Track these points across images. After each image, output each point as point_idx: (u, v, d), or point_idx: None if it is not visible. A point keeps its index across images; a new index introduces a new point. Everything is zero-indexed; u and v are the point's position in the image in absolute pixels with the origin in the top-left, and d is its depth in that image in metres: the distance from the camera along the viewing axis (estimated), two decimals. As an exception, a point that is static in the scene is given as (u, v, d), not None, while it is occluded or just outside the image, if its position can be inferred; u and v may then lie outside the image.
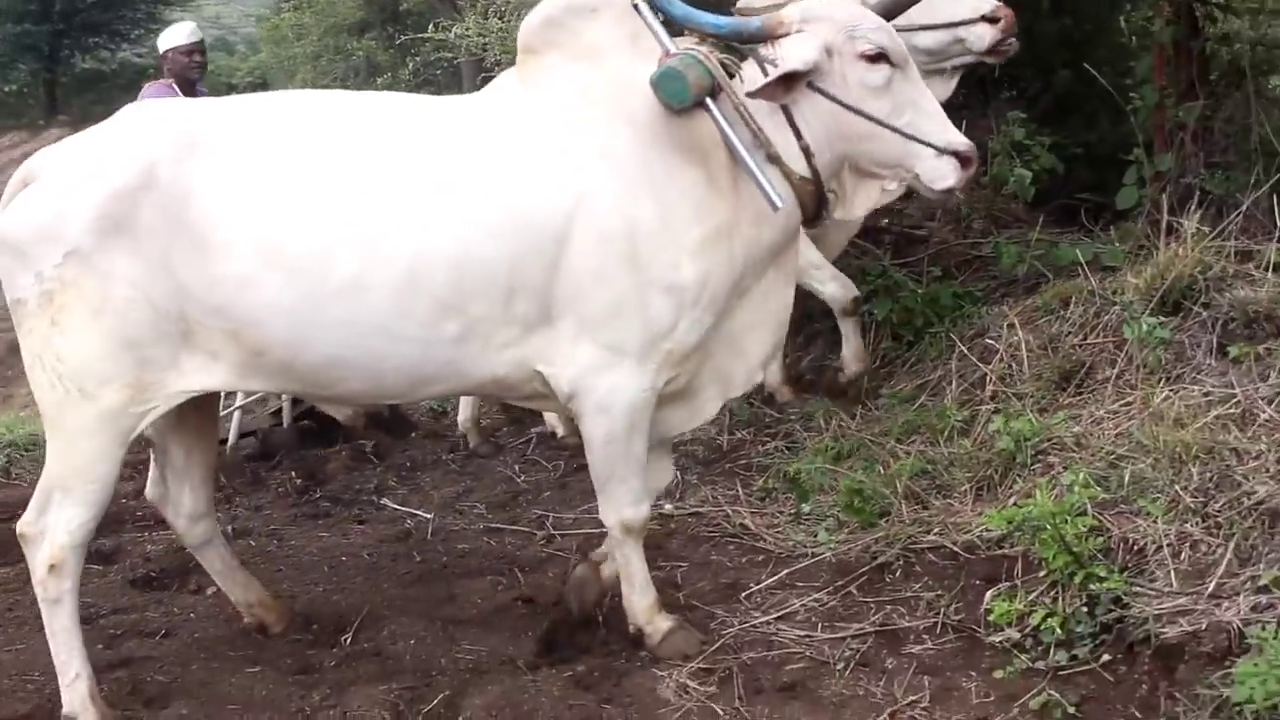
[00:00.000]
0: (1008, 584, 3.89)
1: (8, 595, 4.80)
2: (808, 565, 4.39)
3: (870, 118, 3.62)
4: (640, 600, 3.98)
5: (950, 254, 6.27)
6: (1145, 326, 4.50)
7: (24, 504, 5.35)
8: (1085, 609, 3.61)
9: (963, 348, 5.22)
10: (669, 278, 3.60)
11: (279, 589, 4.66)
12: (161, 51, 6.64)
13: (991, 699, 3.49)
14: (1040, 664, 3.55)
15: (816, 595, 4.18)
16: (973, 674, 3.63)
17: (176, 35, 6.60)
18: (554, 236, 3.54)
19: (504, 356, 3.66)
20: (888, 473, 4.66)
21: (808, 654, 3.85)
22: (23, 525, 3.78)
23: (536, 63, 3.76)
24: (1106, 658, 3.49)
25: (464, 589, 4.56)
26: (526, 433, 6.48)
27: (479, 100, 3.90)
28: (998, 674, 3.57)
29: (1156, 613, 3.48)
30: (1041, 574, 3.80)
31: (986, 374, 5.03)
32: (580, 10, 3.73)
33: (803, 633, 3.97)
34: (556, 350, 3.67)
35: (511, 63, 3.91)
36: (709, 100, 3.55)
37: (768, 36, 3.63)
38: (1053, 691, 3.40)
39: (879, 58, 3.61)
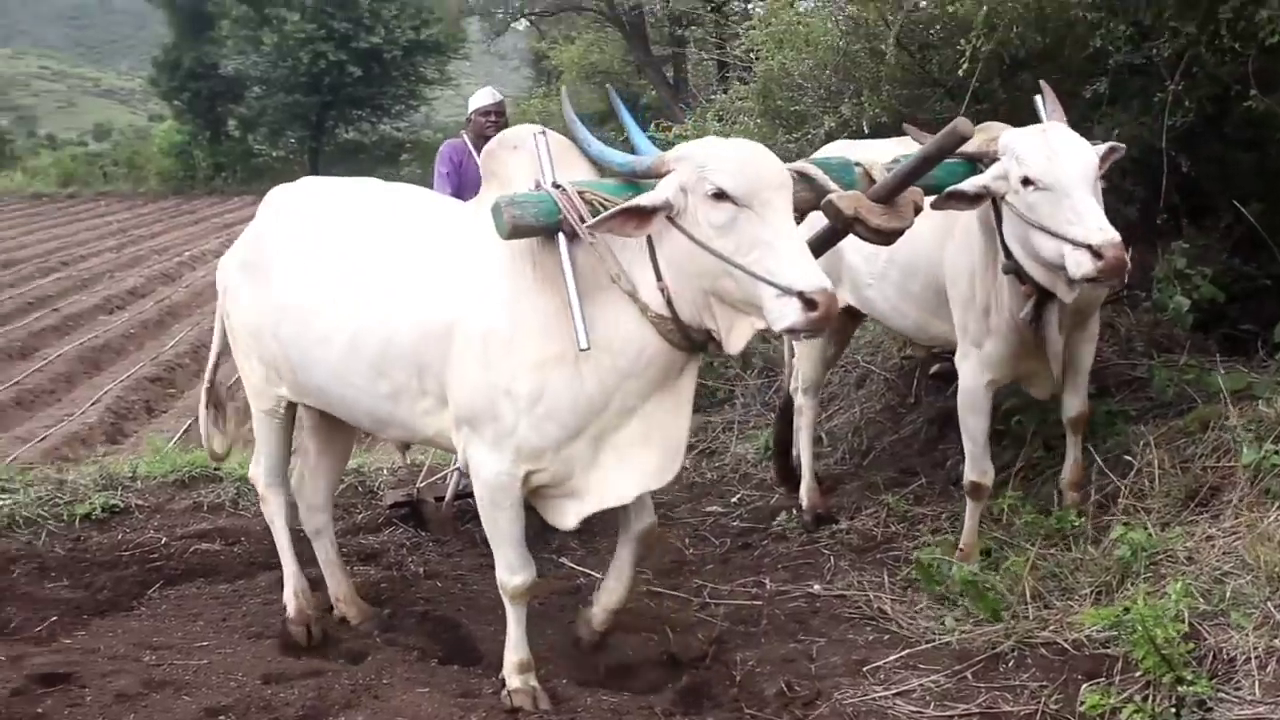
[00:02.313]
0: (1106, 680, 4.14)
1: (224, 607, 5.57)
2: (931, 649, 4.69)
3: (714, 253, 3.76)
4: (510, 656, 4.55)
5: (1110, 373, 6.46)
6: (1260, 452, 4.74)
7: (245, 532, 6.31)
8: (1173, 710, 3.85)
9: (1100, 462, 5.49)
10: (507, 385, 4.12)
11: (455, 624, 5.30)
12: (468, 113, 7.33)
13: (1076, 783, 3.77)
14: (1125, 757, 3.82)
15: (934, 677, 4.47)
16: (1062, 759, 3.92)
17: (480, 98, 7.26)
18: (444, 332, 4.24)
19: (429, 422, 4.43)
20: (1014, 571, 4.95)
21: (916, 727, 4.19)
22: (250, 475, 5.45)
23: (485, 185, 4.43)
24: (1186, 756, 3.75)
25: (618, 641, 5.00)
26: (700, 509, 6.92)
27: (456, 209, 4.63)
28: (1085, 761, 3.86)
29: (1237, 718, 3.75)
30: (1138, 674, 4.05)
31: (1120, 487, 5.30)
32: (506, 145, 4.37)
33: (915, 709, 4.27)
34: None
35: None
36: (560, 235, 3.99)
37: (653, 174, 3.96)
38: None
39: (721, 196, 3.75)
